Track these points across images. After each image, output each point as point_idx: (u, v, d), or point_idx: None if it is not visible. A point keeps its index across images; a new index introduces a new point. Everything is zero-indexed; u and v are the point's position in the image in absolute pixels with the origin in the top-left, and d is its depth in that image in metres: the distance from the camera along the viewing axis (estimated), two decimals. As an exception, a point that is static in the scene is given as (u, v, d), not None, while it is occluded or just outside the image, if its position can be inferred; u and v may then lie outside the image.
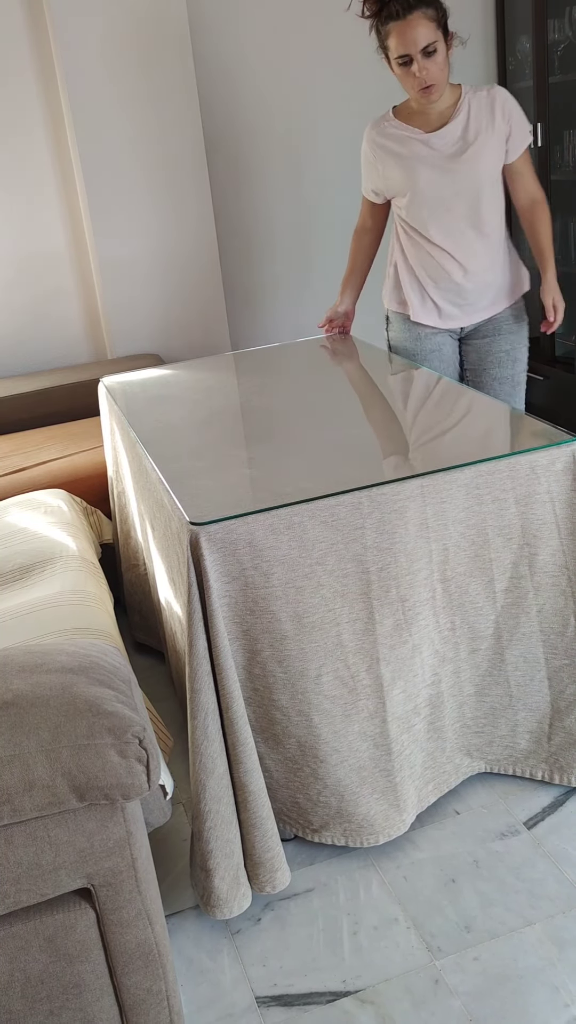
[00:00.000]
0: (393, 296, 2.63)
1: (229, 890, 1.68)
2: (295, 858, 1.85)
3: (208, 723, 1.62)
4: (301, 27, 3.51)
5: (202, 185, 3.45)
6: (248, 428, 2.09)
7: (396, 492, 1.68)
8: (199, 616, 1.61)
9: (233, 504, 1.66)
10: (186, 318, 3.60)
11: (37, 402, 3.27)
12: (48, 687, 1.32)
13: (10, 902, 1.27)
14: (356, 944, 1.65)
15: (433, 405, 2.08)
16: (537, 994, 1.52)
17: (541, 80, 3.41)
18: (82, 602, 1.90)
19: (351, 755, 1.76)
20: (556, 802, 1.90)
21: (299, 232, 3.78)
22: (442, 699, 1.84)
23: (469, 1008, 1.51)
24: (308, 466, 1.81)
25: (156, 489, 1.88)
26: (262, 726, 1.73)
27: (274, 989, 1.59)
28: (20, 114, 3.31)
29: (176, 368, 2.70)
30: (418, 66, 2.24)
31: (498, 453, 1.75)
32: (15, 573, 2.09)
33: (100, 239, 3.41)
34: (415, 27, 2.19)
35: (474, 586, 1.79)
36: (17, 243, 3.45)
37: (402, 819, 1.81)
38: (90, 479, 2.80)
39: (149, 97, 3.29)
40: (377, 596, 1.71)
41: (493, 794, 1.94)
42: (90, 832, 1.29)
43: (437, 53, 2.23)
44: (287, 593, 1.65)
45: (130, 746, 1.28)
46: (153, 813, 1.58)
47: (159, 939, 1.39)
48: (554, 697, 1.89)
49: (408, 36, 2.20)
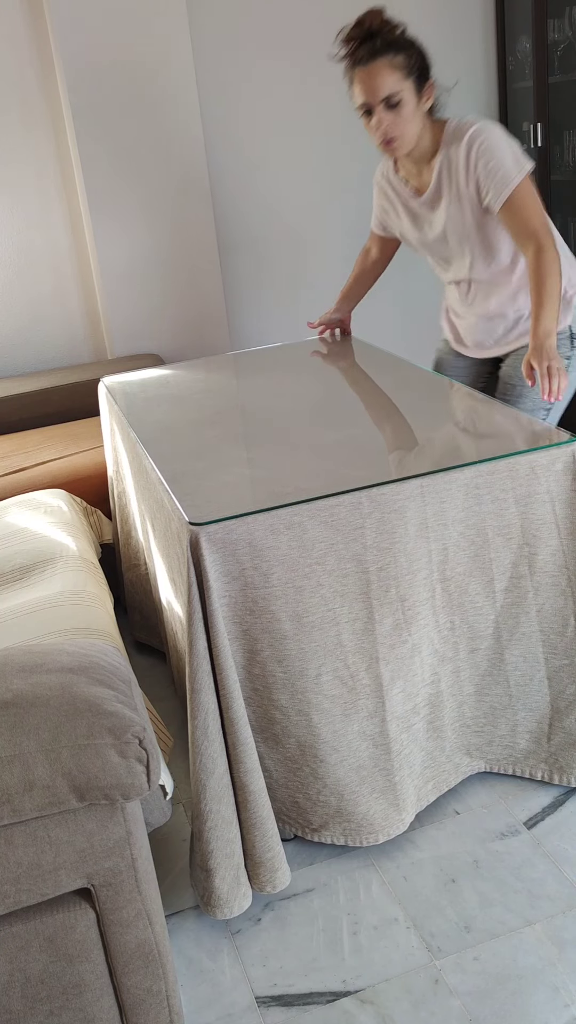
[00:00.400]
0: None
1: (229, 890, 1.68)
2: (295, 858, 1.85)
3: (208, 723, 1.62)
4: (301, 31, 3.51)
5: (202, 184, 3.45)
6: (248, 428, 2.09)
7: (396, 492, 1.68)
8: (199, 616, 1.61)
9: (233, 504, 1.66)
10: (186, 318, 3.60)
11: (37, 402, 3.27)
12: (48, 687, 1.32)
13: (10, 902, 1.27)
14: (356, 944, 1.65)
15: (433, 405, 2.08)
16: (537, 994, 1.52)
17: (541, 80, 3.41)
18: (82, 602, 1.90)
19: (351, 754, 1.76)
20: (556, 802, 1.90)
21: (300, 232, 3.78)
22: (442, 698, 1.84)
23: (469, 1008, 1.51)
24: (308, 466, 1.81)
25: (156, 489, 1.88)
26: (262, 726, 1.73)
27: (274, 989, 1.59)
28: (20, 114, 3.31)
29: (176, 368, 2.70)
30: (377, 118, 2.07)
31: (498, 453, 1.75)
32: (15, 573, 2.09)
33: (100, 239, 3.41)
34: (376, 75, 2.02)
35: (474, 586, 1.79)
36: (17, 243, 3.45)
37: (401, 818, 1.81)
38: (90, 479, 2.80)
39: (149, 97, 3.29)
40: (377, 596, 1.71)
41: (493, 794, 1.94)
42: (90, 832, 1.29)
43: (402, 105, 2.05)
44: (287, 593, 1.65)
45: (130, 746, 1.28)
46: (153, 813, 1.58)
47: (159, 939, 1.39)
48: (554, 697, 1.89)
49: (368, 84, 2.03)
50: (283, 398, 2.26)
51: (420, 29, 3.60)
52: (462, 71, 3.75)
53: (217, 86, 3.51)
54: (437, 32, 3.65)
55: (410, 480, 1.69)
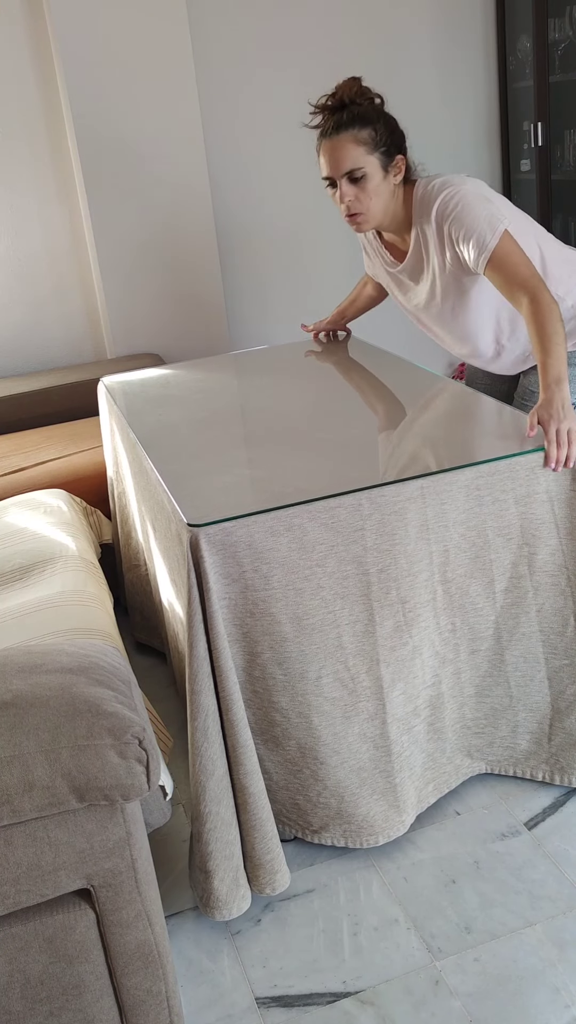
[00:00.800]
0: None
1: (228, 892, 1.67)
2: (295, 859, 1.85)
3: (208, 725, 1.61)
4: (300, 24, 3.51)
5: (202, 184, 3.45)
6: (248, 428, 2.08)
7: (396, 493, 1.68)
8: (199, 618, 1.60)
9: (233, 505, 1.66)
10: (186, 318, 3.60)
11: (37, 402, 3.27)
12: (48, 687, 1.32)
13: (10, 903, 1.27)
14: (356, 945, 1.65)
15: (433, 406, 2.08)
16: (538, 995, 1.52)
17: (542, 79, 3.41)
18: (82, 602, 1.89)
19: (351, 756, 1.76)
20: (556, 803, 1.90)
21: (300, 232, 3.77)
22: (442, 700, 1.84)
23: (469, 1009, 1.51)
24: (308, 467, 1.80)
25: (156, 490, 1.88)
26: (262, 728, 1.73)
27: (274, 990, 1.59)
28: (20, 114, 3.31)
29: (176, 368, 2.70)
30: (340, 191, 2.00)
31: (498, 454, 1.75)
32: (15, 573, 2.09)
33: (100, 239, 3.41)
34: (340, 148, 1.96)
35: (474, 587, 1.79)
36: (17, 243, 3.45)
37: (402, 820, 1.81)
38: (90, 479, 2.80)
39: (149, 97, 3.29)
40: (377, 598, 1.71)
41: (493, 795, 1.94)
42: (90, 833, 1.29)
43: (366, 180, 1.98)
44: (287, 595, 1.65)
45: (130, 747, 1.28)
46: (153, 814, 1.58)
47: (159, 940, 1.39)
48: (554, 697, 1.89)
49: (332, 157, 1.97)
50: (283, 398, 2.25)
51: (421, 29, 3.60)
52: (462, 71, 3.75)
53: (217, 86, 3.50)
54: (437, 32, 3.65)
55: (410, 481, 1.69)
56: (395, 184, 2.04)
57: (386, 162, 2.00)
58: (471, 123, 3.83)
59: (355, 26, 3.55)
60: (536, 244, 2.10)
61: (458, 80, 3.75)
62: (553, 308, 1.86)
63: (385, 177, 2.01)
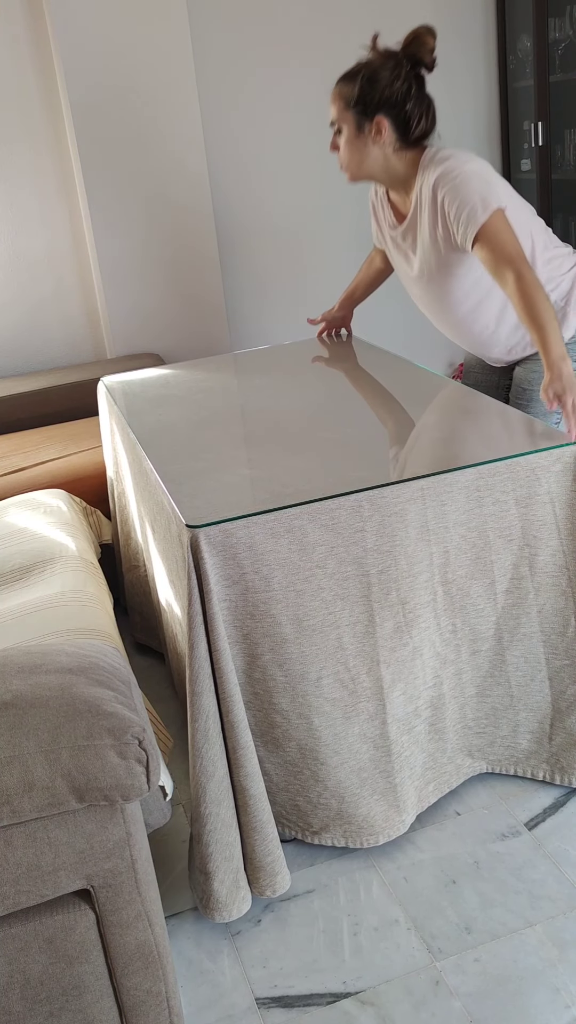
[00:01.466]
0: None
1: (228, 893, 1.67)
2: (295, 859, 1.85)
3: (208, 726, 1.61)
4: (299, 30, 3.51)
5: (202, 184, 3.44)
6: (248, 428, 2.08)
7: (397, 494, 1.68)
8: (199, 620, 1.60)
9: (233, 506, 1.66)
10: (186, 318, 3.60)
11: (37, 402, 3.26)
12: (47, 688, 1.32)
13: (9, 903, 1.27)
14: (356, 945, 1.65)
15: (433, 406, 2.08)
16: (538, 995, 1.52)
17: (542, 79, 3.41)
18: (82, 602, 1.89)
19: (351, 757, 1.76)
20: (557, 803, 1.90)
21: (300, 232, 3.77)
22: (443, 700, 1.83)
23: (470, 1009, 1.51)
24: (308, 468, 1.80)
25: (156, 491, 1.88)
26: (262, 729, 1.73)
27: (274, 990, 1.59)
28: (20, 114, 3.31)
29: (176, 368, 2.70)
30: (332, 139, 2.11)
31: (498, 455, 1.75)
32: (15, 573, 2.09)
33: (100, 239, 3.40)
34: (332, 99, 2.06)
35: (475, 588, 1.79)
36: (17, 243, 3.45)
37: (402, 819, 1.81)
38: (90, 479, 2.79)
39: (149, 97, 3.29)
40: (377, 599, 1.70)
41: (494, 795, 1.94)
42: (89, 833, 1.29)
43: (342, 133, 2.06)
44: (287, 596, 1.65)
45: (130, 747, 1.28)
46: (153, 814, 1.58)
47: (159, 940, 1.39)
48: (555, 697, 1.89)
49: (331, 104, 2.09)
50: (283, 398, 2.25)
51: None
52: (462, 70, 3.75)
53: (218, 87, 3.50)
54: (438, 31, 3.65)
55: (411, 482, 1.69)
56: (374, 144, 2.05)
57: (361, 120, 2.02)
58: (471, 123, 3.83)
59: (355, 26, 3.55)
60: (529, 234, 2.11)
61: (458, 80, 3.75)
62: (538, 285, 1.88)
63: (359, 135, 2.04)
